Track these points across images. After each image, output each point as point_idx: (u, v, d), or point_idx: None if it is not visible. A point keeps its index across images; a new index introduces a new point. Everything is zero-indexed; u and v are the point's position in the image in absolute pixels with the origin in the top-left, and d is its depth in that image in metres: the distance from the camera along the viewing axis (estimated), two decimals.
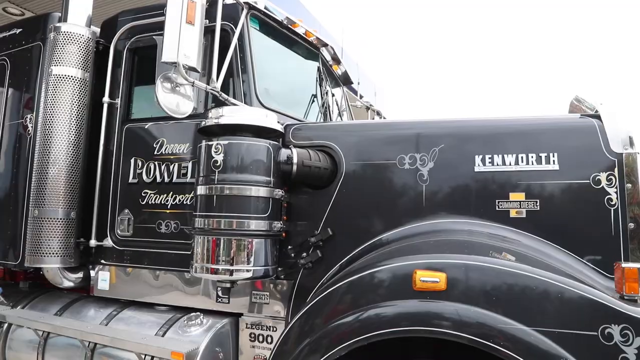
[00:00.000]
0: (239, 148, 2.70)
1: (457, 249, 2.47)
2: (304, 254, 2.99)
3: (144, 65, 3.83)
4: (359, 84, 5.68)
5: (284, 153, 2.85)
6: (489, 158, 2.85)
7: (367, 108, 5.75)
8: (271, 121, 2.83)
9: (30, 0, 10.29)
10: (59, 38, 3.70)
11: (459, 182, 2.89)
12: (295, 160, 2.84)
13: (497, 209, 2.79)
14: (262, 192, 2.73)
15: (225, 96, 3.00)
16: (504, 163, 2.83)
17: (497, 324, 2.05)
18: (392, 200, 2.97)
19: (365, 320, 2.29)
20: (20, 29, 4.39)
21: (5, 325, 3.96)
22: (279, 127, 2.90)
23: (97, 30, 4.02)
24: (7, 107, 4.33)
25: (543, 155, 2.77)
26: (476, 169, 2.86)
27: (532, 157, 2.79)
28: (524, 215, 2.74)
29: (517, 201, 2.78)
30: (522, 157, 2.80)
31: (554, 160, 2.76)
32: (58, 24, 3.77)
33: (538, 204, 2.73)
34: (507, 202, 2.79)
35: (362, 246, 2.96)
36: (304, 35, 4.27)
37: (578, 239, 2.65)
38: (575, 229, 2.67)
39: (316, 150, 3.03)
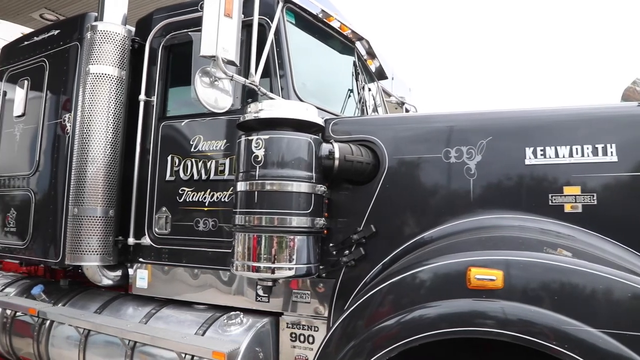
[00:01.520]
0: (280, 143, 2.63)
1: (511, 245, 2.34)
2: (346, 252, 2.90)
3: (180, 62, 3.81)
4: (392, 79, 5.55)
5: (325, 148, 2.77)
6: (541, 150, 2.70)
7: (402, 104, 5.62)
8: (312, 115, 2.75)
9: (65, 6, 10.55)
10: (96, 37, 3.71)
11: (509, 175, 2.75)
12: (337, 155, 2.75)
13: (550, 203, 2.64)
14: (304, 187, 2.65)
15: (264, 90, 2.94)
16: (557, 155, 2.68)
17: (560, 325, 1.92)
18: (438, 196, 2.85)
19: (407, 322, 2.19)
20: (58, 30, 4.44)
21: (48, 322, 4.00)
22: (320, 121, 2.82)
23: (132, 29, 4.02)
24: (46, 107, 4.38)
25: (600, 146, 2.61)
26: (527, 162, 2.71)
27: (587, 148, 2.62)
28: (579, 210, 2.59)
29: (572, 195, 2.62)
30: (576, 149, 2.64)
31: (611, 152, 2.59)
32: (95, 23, 3.78)
33: (595, 197, 2.57)
34: (561, 196, 2.63)
35: (406, 244, 2.85)
36: (339, 29, 4.18)
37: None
38: (636, 224, 2.51)
39: (357, 144, 2.93)
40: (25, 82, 4.66)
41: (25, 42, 4.83)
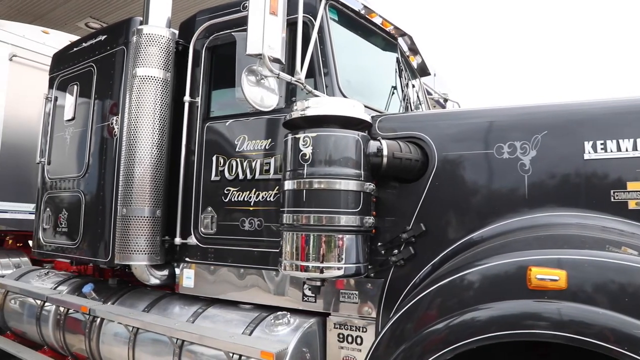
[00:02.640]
0: (328, 140, 2.58)
1: (572, 244, 2.22)
2: (395, 251, 2.83)
3: (223, 63, 3.83)
4: (434, 75, 5.44)
5: (373, 145, 2.71)
6: (601, 144, 2.56)
7: (445, 100, 5.49)
8: (360, 111, 2.70)
9: (109, 14, 10.90)
10: (142, 40, 3.78)
11: (566, 171, 2.62)
12: (385, 152, 2.69)
13: (612, 200, 2.50)
14: (352, 185, 2.60)
15: (310, 88, 2.91)
16: (619, 149, 2.52)
17: (632, 330, 1.80)
18: (490, 193, 2.74)
19: (456, 326, 2.11)
20: (105, 36, 4.55)
21: (98, 319, 4.10)
22: (368, 118, 2.76)
23: (176, 32, 4.08)
24: (95, 110, 4.50)
25: None
26: (586, 156, 2.57)
27: None
28: None
29: (636, 191, 2.47)
30: None
31: None
32: (140, 27, 3.85)
33: None
34: (624, 192, 2.49)
35: (457, 243, 2.76)
36: (381, 25, 4.11)
37: None
38: None
39: (405, 141, 2.86)
40: (75, 87, 4.80)
41: (74, 49, 4.99)
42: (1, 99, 6.28)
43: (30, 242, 6.50)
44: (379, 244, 2.89)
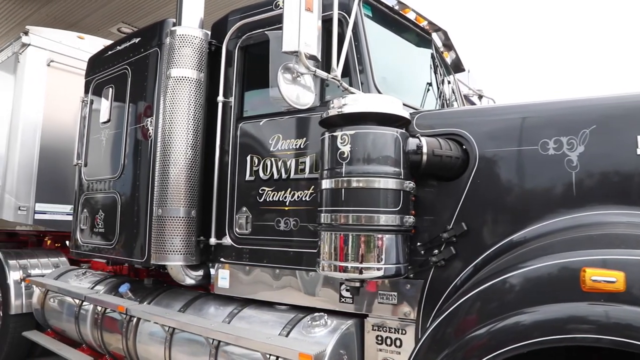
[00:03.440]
0: (367, 138, 2.52)
1: (628, 243, 2.10)
2: (436, 251, 2.75)
3: (256, 62, 3.82)
4: (469, 71, 5.31)
5: (412, 142, 2.64)
6: None
7: (480, 97, 5.36)
8: (398, 108, 2.63)
9: (140, 19, 11.10)
10: (175, 42, 3.80)
11: (617, 167, 2.49)
12: (425, 149, 2.61)
13: None
14: (392, 184, 2.53)
15: (346, 85, 2.86)
16: None
17: None
18: (534, 191, 2.63)
19: (498, 332, 2.02)
20: (139, 38, 4.60)
21: (135, 319, 4.14)
22: (407, 114, 2.69)
23: (209, 32, 4.08)
24: (130, 112, 4.56)
25: None
26: (639, 151, 2.44)
27: None
28: None
29: None
30: None
31: None
32: (173, 28, 3.87)
33: None
34: None
35: (499, 244, 2.65)
36: (415, 21, 4.03)
37: None
38: None
39: (444, 138, 2.78)
40: (110, 89, 4.88)
41: (109, 52, 5.07)
42: (40, 104, 6.43)
43: (67, 243, 6.65)
44: (418, 243, 2.81)
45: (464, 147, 2.80)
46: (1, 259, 6.15)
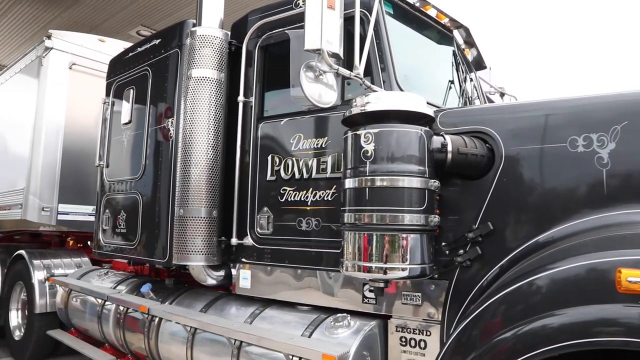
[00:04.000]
0: (391, 136, 2.48)
1: None
2: (461, 251, 2.70)
3: (276, 61, 3.80)
4: (490, 69, 5.22)
5: (437, 140, 2.59)
6: None
7: (502, 95, 5.27)
8: (422, 106, 2.59)
9: (158, 22, 11.22)
10: (195, 42, 3.80)
11: None
12: (450, 147, 2.56)
13: None
14: (417, 182, 2.49)
15: (368, 83, 2.82)
16: None
17: None
18: (563, 190, 2.56)
19: (523, 335, 1.97)
20: (159, 39, 4.63)
21: (157, 319, 4.16)
22: (431, 112, 2.65)
23: (228, 32, 4.08)
24: (150, 113, 4.59)
25: None
26: None
27: None
28: None
29: None
30: None
31: None
32: (194, 29, 3.88)
33: None
34: None
35: (527, 243, 2.59)
36: (436, 18, 3.98)
37: None
38: None
39: (469, 136, 2.72)
40: (131, 91, 4.92)
41: (130, 54, 5.11)
42: (62, 107, 6.53)
43: (89, 243, 6.74)
44: (443, 243, 2.77)
45: (489, 145, 2.75)
46: (26, 258, 6.26)
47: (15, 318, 6.67)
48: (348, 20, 2.95)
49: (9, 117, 7.56)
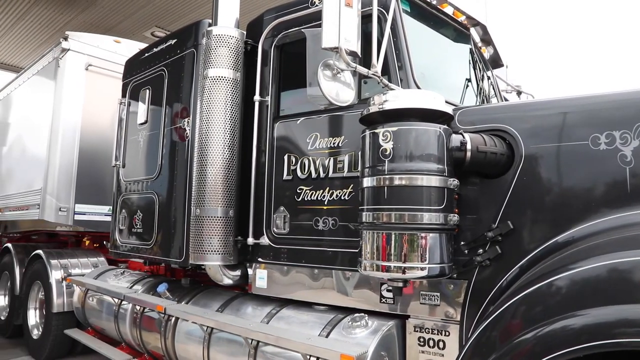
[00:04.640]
0: (409, 134, 2.46)
1: None
2: (480, 251, 2.66)
3: (292, 60, 3.80)
4: (507, 67, 5.17)
5: (456, 138, 2.56)
6: None
7: (519, 93, 5.21)
8: (440, 104, 2.56)
9: (173, 23, 11.30)
10: (211, 42, 3.81)
11: None
12: (469, 146, 2.53)
13: None
14: (436, 181, 2.46)
15: (386, 82, 2.80)
16: None
17: None
18: (585, 188, 2.51)
19: (544, 337, 1.93)
20: (175, 39, 4.65)
21: (173, 319, 4.18)
22: (450, 110, 2.62)
23: (244, 32, 4.09)
24: (166, 113, 4.61)
25: None
26: None
27: None
28: None
29: None
30: None
31: None
32: (210, 28, 3.89)
33: None
34: None
35: (547, 243, 2.54)
36: (453, 15, 3.94)
37: None
38: None
39: (489, 134, 2.69)
40: (147, 91, 4.95)
41: (146, 54, 5.14)
42: (79, 107, 6.60)
43: (105, 243, 6.80)
44: (462, 243, 2.74)
45: (508, 142, 2.71)
46: (44, 258, 6.34)
47: (33, 317, 6.76)
48: (365, 19, 2.94)
49: (27, 118, 7.66)
